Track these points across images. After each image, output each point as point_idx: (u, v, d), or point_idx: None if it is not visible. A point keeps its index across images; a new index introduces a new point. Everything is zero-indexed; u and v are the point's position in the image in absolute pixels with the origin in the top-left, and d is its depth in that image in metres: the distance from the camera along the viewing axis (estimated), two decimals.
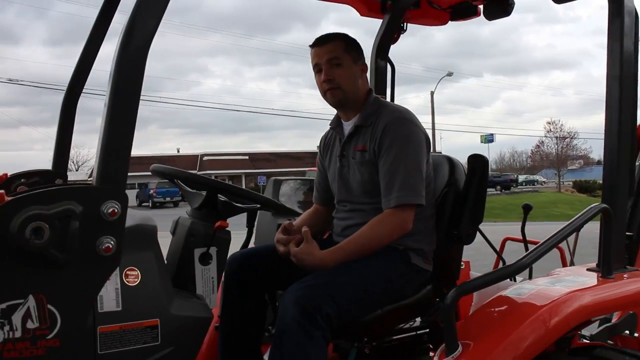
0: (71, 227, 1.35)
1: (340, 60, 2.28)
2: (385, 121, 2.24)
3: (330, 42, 2.32)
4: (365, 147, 2.27)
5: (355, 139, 2.33)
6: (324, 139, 2.58)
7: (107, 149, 1.39)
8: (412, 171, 2.17)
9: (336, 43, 2.31)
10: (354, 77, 2.32)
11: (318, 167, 2.60)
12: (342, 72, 2.28)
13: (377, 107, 2.33)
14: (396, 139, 2.19)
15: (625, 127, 2.13)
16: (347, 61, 2.30)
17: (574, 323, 1.88)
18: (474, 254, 3.88)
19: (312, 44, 2.36)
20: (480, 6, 2.96)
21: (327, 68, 2.28)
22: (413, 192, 2.15)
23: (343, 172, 2.36)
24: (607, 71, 2.15)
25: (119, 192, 1.41)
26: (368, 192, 2.26)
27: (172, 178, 2.20)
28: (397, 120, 2.23)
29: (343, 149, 2.38)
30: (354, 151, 2.32)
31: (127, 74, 1.41)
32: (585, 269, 2.19)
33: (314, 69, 2.35)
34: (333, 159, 2.44)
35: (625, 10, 2.12)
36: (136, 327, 1.66)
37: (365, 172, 2.27)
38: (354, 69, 2.32)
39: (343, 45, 2.31)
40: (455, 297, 1.80)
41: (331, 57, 2.28)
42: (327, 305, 1.90)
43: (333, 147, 2.48)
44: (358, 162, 2.29)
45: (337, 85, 2.29)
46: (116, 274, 1.64)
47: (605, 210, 2.06)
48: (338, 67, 2.28)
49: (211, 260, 2.06)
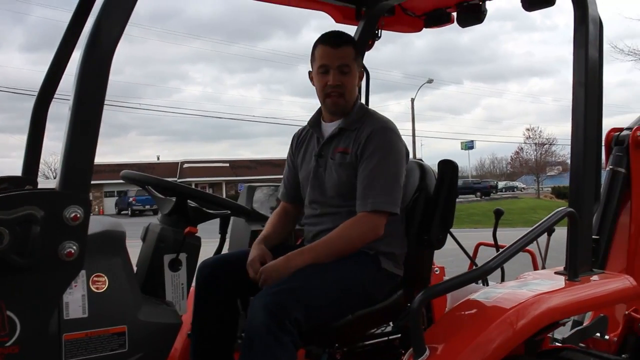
0: (32, 232, 1.34)
1: (350, 68, 2.30)
2: (370, 128, 2.26)
3: (344, 46, 2.30)
4: (347, 150, 2.29)
5: (337, 140, 2.35)
6: (297, 135, 2.58)
7: (71, 154, 1.38)
8: (392, 180, 2.20)
9: (349, 49, 2.31)
10: (355, 85, 2.36)
11: (288, 163, 2.59)
12: (349, 80, 2.31)
13: (362, 113, 2.36)
14: (380, 147, 2.22)
15: (591, 132, 2.17)
16: (354, 69, 2.32)
17: (540, 325, 1.91)
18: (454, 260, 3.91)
19: (324, 41, 2.32)
20: (453, 13, 3.00)
21: (336, 73, 2.28)
22: (390, 200, 2.17)
23: (318, 171, 2.37)
24: (573, 78, 2.20)
25: (81, 197, 1.40)
26: (342, 194, 2.27)
27: (142, 184, 2.19)
28: (382, 130, 2.26)
29: (322, 149, 2.38)
30: (334, 152, 2.33)
31: (91, 78, 1.40)
32: (553, 272, 2.23)
33: (320, 68, 2.31)
34: (307, 158, 2.45)
35: (589, 19, 2.16)
36: (103, 334, 1.64)
37: (343, 174, 2.28)
38: (357, 76, 2.36)
39: (354, 53, 2.32)
40: (422, 301, 1.81)
41: (343, 64, 2.28)
42: (295, 310, 1.90)
43: (308, 145, 2.48)
44: (337, 163, 2.30)
45: (342, 93, 2.30)
46: (83, 281, 1.62)
47: (571, 214, 2.09)
48: (347, 75, 2.29)
49: (181, 267, 2.04)
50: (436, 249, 2.41)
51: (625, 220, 3.16)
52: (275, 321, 1.85)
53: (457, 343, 1.83)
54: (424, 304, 1.95)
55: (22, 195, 1.38)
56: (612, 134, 3.27)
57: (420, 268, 2.45)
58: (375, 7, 2.97)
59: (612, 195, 3.18)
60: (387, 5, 2.95)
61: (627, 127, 3.26)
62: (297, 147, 2.55)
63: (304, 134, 2.55)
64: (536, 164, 53.78)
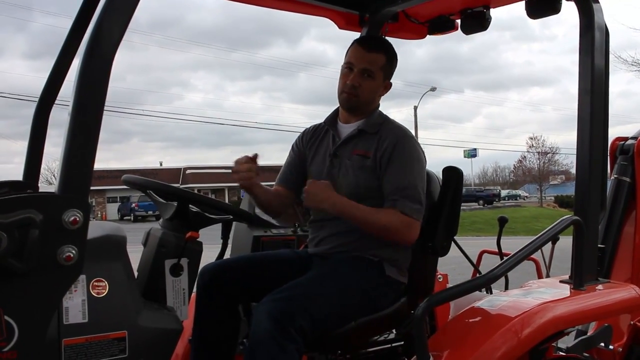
0: (30, 235, 1.33)
1: (374, 74, 2.32)
2: (395, 135, 2.28)
3: (374, 51, 2.34)
4: (367, 153, 2.29)
5: (355, 142, 2.34)
6: (312, 129, 2.56)
7: (70, 157, 1.37)
8: (420, 189, 2.21)
9: (379, 55, 2.34)
10: (376, 92, 2.37)
11: (294, 150, 2.56)
12: (369, 85, 2.32)
13: (382, 120, 2.37)
14: (408, 155, 2.24)
15: (597, 140, 2.16)
16: (379, 77, 2.34)
17: (545, 334, 1.89)
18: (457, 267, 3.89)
19: (359, 41, 2.38)
20: (457, 20, 2.99)
21: (358, 75, 2.30)
22: (419, 209, 2.18)
23: (332, 172, 2.35)
24: (579, 85, 2.18)
25: (81, 201, 1.38)
26: (357, 195, 2.24)
27: (143, 188, 2.17)
28: (408, 139, 2.30)
29: (337, 149, 2.38)
30: (352, 154, 2.32)
31: (91, 81, 1.39)
32: (558, 281, 2.21)
33: (346, 64, 2.35)
34: (320, 154, 2.44)
35: (595, 26, 2.15)
36: (103, 339, 1.62)
37: (361, 177, 2.27)
38: (380, 85, 2.37)
39: (384, 61, 2.34)
40: (426, 308, 1.80)
41: (366, 68, 2.31)
42: (300, 317, 1.88)
43: (322, 142, 2.46)
44: (356, 165, 2.29)
45: (357, 94, 2.31)
46: (83, 286, 1.61)
47: (577, 223, 2.07)
48: (368, 79, 2.31)
49: (182, 272, 2.03)
50: (440, 256, 2.39)
51: (630, 229, 3.14)
52: (280, 328, 1.83)
53: (461, 351, 1.81)
54: (428, 311, 1.93)
55: (21, 198, 1.36)
56: (617, 143, 3.26)
57: (424, 275, 2.43)
58: (378, 13, 2.96)
59: (617, 204, 3.16)
60: (390, 11, 2.94)
61: (632, 137, 3.25)
62: (309, 140, 2.52)
63: (319, 130, 2.53)
64: (539, 173, 53.73)
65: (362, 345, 2.37)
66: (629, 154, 3.16)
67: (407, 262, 2.31)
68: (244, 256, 2.53)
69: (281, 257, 2.47)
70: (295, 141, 2.58)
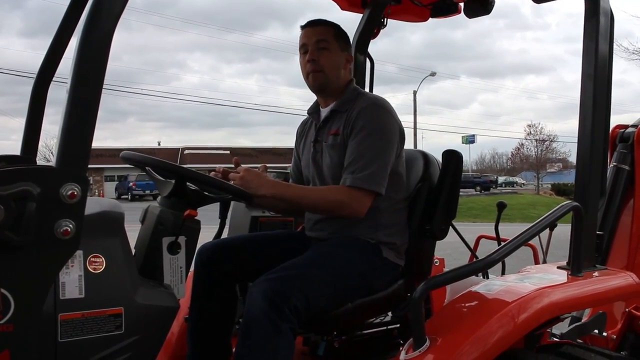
0: (28, 208, 1.31)
1: (327, 44, 2.30)
2: (360, 106, 2.24)
3: (321, 25, 2.34)
4: (338, 131, 2.27)
5: (330, 123, 2.34)
6: (301, 126, 2.58)
7: (69, 131, 1.35)
8: (377, 157, 2.15)
9: (327, 28, 2.34)
10: (338, 65, 2.33)
11: (294, 154, 2.61)
12: (327, 56, 2.30)
13: (355, 95, 2.34)
14: (368, 124, 2.19)
15: (599, 126, 2.15)
16: (334, 47, 2.32)
17: (542, 319, 1.89)
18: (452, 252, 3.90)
19: (303, 25, 2.37)
20: (460, 3, 2.96)
21: (313, 49, 2.30)
22: (371, 179, 2.12)
23: (316, 157, 2.36)
24: (582, 70, 2.16)
25: (79, 175, 1.37)
26: (337, 177, 2.23)
27: (142, 165, 2.16)
28: (373, 107, 2.24)
29: (317, 134, 2.38)
30: (327, 135, 2.32)
31: (91, 55, 1.37)
32: (555, 267, 2.21)
33: (301, 50, 2.35)
34: (307, 146, 2.44)
35: (601, 11, 2.13)
36: (99, 315, 1.62)
37: (335, 156, 2.26)
38: (340, 56, 2.34)
39: (333, 32, 2.34)
40: (424, 291, 1.79)
41: (319, 39, 2.30)
42: (295, 297, 1.88)
43: (308, 134, 2.48)
44: (329, 145, 2.29)
45: (320, 69, 2.29)
46: (80, 261, 1.60)
47: (576, 209, 2.07)
48: (324, 51, 2.30)
49: (180, 250, 2.02)
50: (438, 239, 2.39)
51: (627, 217, 3.15)
52: (274, 308, 1.83)
53: (457, 335, 1.81)
54: (426, 294, 1.93)
55: (18, 171, 1.35)
56: (616, 131, 3.25)
57: (421, 259, 2.43)
58: None
59: (616, 192, 3.16)
60: None
61: (632, 125, 3.24)
62: (300, 137, 2.55)
63: (306, 123, 2.54)
64: (537, 160, 53.75)
65: (358, 326, 2.38)
66: (629, 142, 3.15)
67: (405, 245, 2.31)
68: (242, 236, 2.53)
69: (279, 237, 2.47)
70: (294, 143, 2.60)
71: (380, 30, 3.13)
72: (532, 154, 54.76)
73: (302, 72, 2.36)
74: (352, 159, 2.16)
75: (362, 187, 2.11)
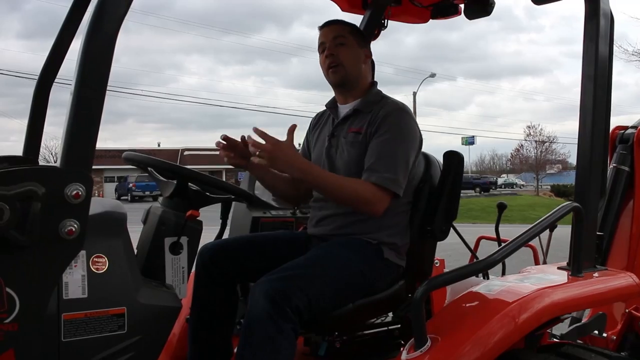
0: (33, 208, 1.32)
1: (345, 40, 2.34)
2: (388, 109, 2.27)
3: (337, 24, 2.39)
4: (360, 130, 2.29)
5: (351, 121, 2.35)
6: (316, 117, 2.60)
7: (73, 131, 1.36)
8: (401, 161, 2.18)
9: (343, 26, 2.39)
10: (357, 59, 2.37)
11: (303, 144, 2.62)
12: (345, 51, 2.33)
13: (379, 97, 2.38)
14: (395, 127, 2.22)
15: (599, 127, 2.15)
16: (351, 42, 2.36)
17: (542, 320, 1.89)
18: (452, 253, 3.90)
19: (320, 26, 2.41)
20: (461, 5, 2.96)
21: (331, 45, 2.33)
22: (395, 181, 2.15)
23: (330, 151, 2.37)
24: (582, 72, 2.17)
25: (83, 175, 1.38)
26: (351, 173, 2.24)
27: (145, 166, 2.17)
28: (400, 112, 2.28)
29: (335, 129, 2.39)
30: (347, 132, 2.33)
31: (96, 55, 1.38)
32: (555, 267, 2.21)
33: (319, 49, 2.39)
34: (321, 139, 2.45)
35: (601, 12, 2.14)
36: (102, 315, 1.63)
37: (354, 153, 2.27)
38: (358, 51, 2.38)
39: (349, 29, 2.38)
40: (425, 291, 1.80)
41: (336, 35, 2.34)
42: (297, 297, 1.89)
43: (324, 127, 2.49)
44: (349, 142, 2.30)
45: (339, 63, 2.33)
46: (83, 261, 1.61)
47: (577, 209, 2.07)
48: (342, 46, 2.34)
49: (182, 250, 2.03)
50: (439, 240, 2.40)
51: (626, 219, 3.15)
52: (276, 308, 1.84)
53: (458, 335, 1.81)
54: (427, 294, 1.93)
55: (24, 171, 1.36)
56: (616, 132, 3.26)
57: (422, 259, 2.44)
58: None
59: (615, 193, 3.17)
60: None
61: (631, 126, 3.25)
62: (314, 129, 2.56)
63: (323, 116, 2.56)
64: (536, 162, 53.76)
65: (359, 327, 2.38)
66: (629, 143, 3.16)
67: (406, 245, 2.32)
68: (244, 236, 2.53)
69: (280, 238, 2.48)
70: (306, 132, 2.62)
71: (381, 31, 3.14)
72: (532, 155, 54.80)
73: (322, 70, 2.39)
74: (376, 158, 2.18)
75: (387, 187, 2.14)
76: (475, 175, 59.29)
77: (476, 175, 58.10)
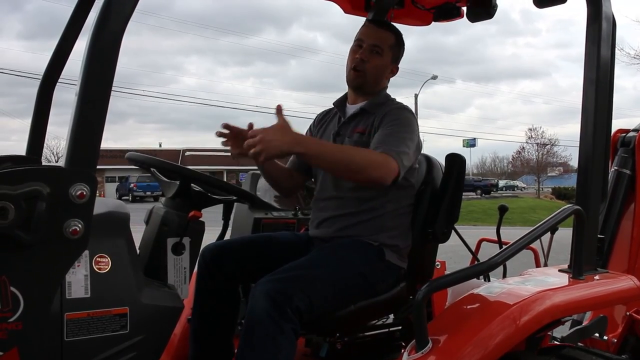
0: (37, 208, 1.33)
1: (382, 51, 2.34)
2: (390, 108, 2.29)
3: (385, 29, 2.38)
4: (365, 130, 2.30)
5: (357, 121, 2.37)
6: (322, 114, 2.60)
7: (78, 131, 1.37)
8: (408, 141, 2.17)
9: (389, 35, 2.38)
10: (383, 72, 2.39)
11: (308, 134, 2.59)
12: (376, 62, 2.34)
13: (386, 100, 2.39)
14: (397, 120, 2.23)
15: (600, 130, 2.16)
16: (387, 56, 2.36)
17: (543, 322, 1.90)
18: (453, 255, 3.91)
19: (370, 20, 2.42)
20: (463, 8, 2.97)
21: (367, 50, 2.33)
22: (404, 153, 2.11)
23: None
24: (584, 75, 2.18)
25: (88, 175, 1.38)
26: None
27: (147, 166, 2.18)
28: (402, 109, 2.30)
29: (340, 128, 2.40)
30: (352, 132, 2.34)
31: (101, 56, 1.39)
32: (556, 270, 2.22)
33: (356, 41, 2.37)
34: (325, 136, 2.46)
35: (603, 15, 2.14)
36: (105, 314, 1.64)
37: None
38: (388, 66, 2.39)
39: (393, 41, 2.38)
40: (427, 293, 1.81)
41: (377, 44, 2.33)
42: (298, 298, 1.89)
43: (329, 125, 2.50)
44: (353, 142, 2.31)
45: (365, 70, 2.33)
46: (86, 261, 1.62)
47: (577, 212, 2.08)
48: (376, 56, 2.34)
49: (184, 251, 2.04)
50: (441, 242, 2.40)
51: (628, 221, 3.16)
52: (277, 308, 1.84)
53: (459, 337, 1.82)
54: (429, 296, 1.94)
55: (29, 170, 1.37)
56: (618, 135, 3.27)
57: (423, 261, 2.44)
58: None
59: (616, 196, 3.17)
60: None
61: (633, 129, 3.26)
62: (318, 124, 2.56)
63: (329, 113, 2.56)
64: (537, 164, 53.73)
65: (360, 328, 2.39)
66: (630, 147, 3.17)
67: (407, 247, 2.32)
68: (245, 237, 2.54)
69: (282, 239, 2.48)
70: (309, 126, 2.61)
71: None
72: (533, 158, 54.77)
73: (347, 62, 2.39)
74: (383, 137, 2.15)
75: (396, 157, 2.08)
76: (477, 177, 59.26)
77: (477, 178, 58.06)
